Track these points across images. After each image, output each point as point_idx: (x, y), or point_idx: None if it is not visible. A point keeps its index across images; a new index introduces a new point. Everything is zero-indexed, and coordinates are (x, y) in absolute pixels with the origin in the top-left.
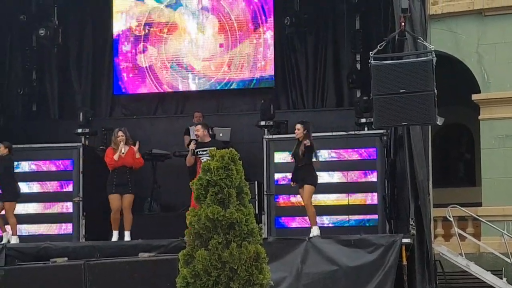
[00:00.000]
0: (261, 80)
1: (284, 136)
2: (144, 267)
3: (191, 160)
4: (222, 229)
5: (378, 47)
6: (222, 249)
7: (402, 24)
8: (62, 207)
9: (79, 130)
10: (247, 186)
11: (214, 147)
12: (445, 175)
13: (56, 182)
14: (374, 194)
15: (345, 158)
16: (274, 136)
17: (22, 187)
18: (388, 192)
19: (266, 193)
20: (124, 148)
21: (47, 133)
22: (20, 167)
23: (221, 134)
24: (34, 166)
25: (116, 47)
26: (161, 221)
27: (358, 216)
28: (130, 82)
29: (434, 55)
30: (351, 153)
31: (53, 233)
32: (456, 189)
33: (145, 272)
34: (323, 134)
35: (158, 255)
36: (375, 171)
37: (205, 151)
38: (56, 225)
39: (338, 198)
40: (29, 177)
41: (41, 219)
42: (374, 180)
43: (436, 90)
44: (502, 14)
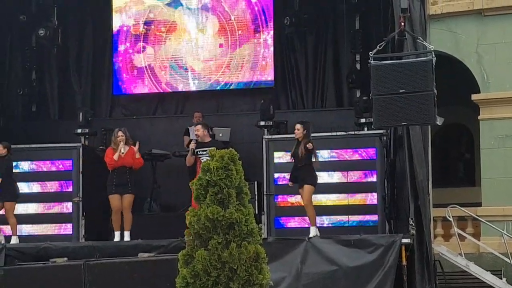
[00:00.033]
0: (260, 83)
1: (283, 136)
2: (143, 267)
3: (191, 160)
4: (221, 229)
5: (378, 47)
6: (222, 249)
7: (402, 24)
8: (62, 207)
9: (79, 130)
10: (247, 186)
11: (214, 147)
12: (444, 175)
13: (56, 182)
14: (374, 194)
15: (344, 158)
16: (274, 136)
17: (22, 187)
18: (387, 192)
19: (265, 193)
20: (123, 148)
21: (47, 133)
22: (20, 167)
23: (220, 134)
24: (34, 166)
25: (115, 47)
26: (160, 221)
27: (358, 216)
28: (130, 82)
29: (433, 55)
30: (351, 153)
31: (52, 233)
32: (455, 189)
33: (144, 272)
34: (323, 134)
35: (157, 255)
36: (375, 171)
37: (205, 151)
38: (55, 225)
39: (338, 198)
40: (29, 177)
41: (41, 219)
42: (373, 180)
43: (435, 90)
44: (501, 14)
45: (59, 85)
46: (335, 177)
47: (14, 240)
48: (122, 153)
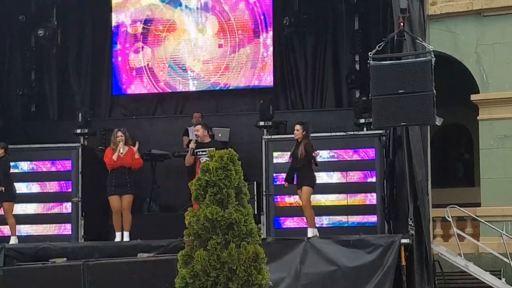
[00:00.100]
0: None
1: (283, 136)
2: (143, 268)
3: (190, 160)
4: (221, 229)
5: (377, 48)
6: (221, 249)
7: (401, 24)
8: (61, 208)
9: (78, 131)
10: (246, 186)
11: (214, 148)
12: (444, 176)
13: (55, 183)
14: (373, 194)
15: (344, 159)
16: (273, 136)
17: (21, 188)
18: (387, 192)
19: (265, 193)
20: (123, 148)
21: (46, 133)
22: (19, 168)
23: (220, 135)
24: (33, 166)
25: (115, 47)
26: (160, 221)
27: (357, 216)
28: (129, 82)
29: (433, 56)
30: (350, 153)
31: (52, 233)
32: (455, 189)
33: (144, 272)
34: (322, 134)
35: (157, 256)
36: (374, 172)
37: (204, 152)
38: (55, 225)
39: (337, 199)
40: (28, 177)
41: (40, 220)
42: (373, 180)
43: (435, 91)
44: (501, 15)
45: (59, 85)
46: (335, 177)
47: (13, 240)
48: (121, 153)
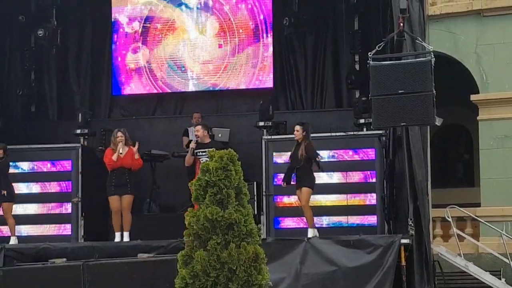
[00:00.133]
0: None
1: (283, 136)
2: (143, 268)
3: (190, 160)
4: (221, 229)
5: (377, 48)
6: (221, 249)
7: (401, 24)
8: (61, 208)
9: (78, 131)
10: (246, 186)
11: (214, 148)
12: (443, 176)
13: (55, 183)
14: (373, 194)
15: (344, 159)
16: (273, 136)
17: (21, 188)
18: (387, 192)
19: (265, 193)
20: (122, 148)
21: (46, 133)
22: (19, 168)
23: (220, 135)
24: (33, 167)
25: (114, 48)
26: (160, 221)
27: (357, 216)
28: (129, 82)
29: (432, 56)
30: (350, 153)
31: (52, 233)
32: (454, 189)
33: (144, 272)
34: (322, 134)
35: (157, 256)
36: (374, 172)
37: (204, 152)
38: (55, 225)
39: (337, 199)
40: (28, 177)
41: (40, 220)
42: (373, 180)
43: (434, 91)
44: (501, 15)
45: (58, 85)
46: (334, 177)
47: (13, 240)
48: (121, 153)
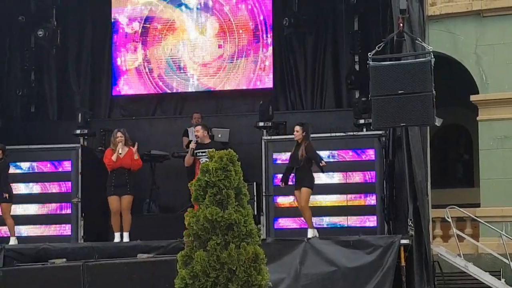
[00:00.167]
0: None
1: (282, 137)
2: (142, 268)
3: (190, 160)
4: (220, 230)
5: (377, 48)
6: (221, 250)
7: (401, 25)
8: (60, 208)
9: (78, 131)
10: (246, 187)
11: (213, 148)
12: (443, 176)
13: (55, 183)
14: (373, 195)
15: (343, 159)
16: (273, 137)
17: (21, 188)
18: (386, 193)
19: (264, 194)
20: (122, 149)
21: (46, 134)
22: (19, 168)
23: (219, 135)
24: (33, 167)
25: (114, 48)
26: (160, 222)
27: (357, 217)
28: (129, 83)
29: (432, 56)
30: (350, 154)
31: (51, 234)
32: (454, 190)
33: (143, 273)
34: (322, 135)
35: (156, 256)
36: (374, 172)
37: (204, 152)
38: (54, 226)
39: (337, 199)
40: (28, 178)
41: (39, 220)
42: (372, 181)
43: (434, 91)
44: (500, 15)
45: (58, 85)
46: (334, 178)
47: (13, 241)
48: (120, 154)
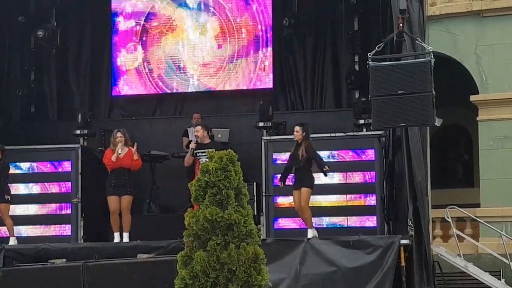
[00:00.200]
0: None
1: (282, 137)
2: (142, 268)
3: (190, 160)
4: (220, 230)
5: (376, 48)
6: (221, 250)
7: (400, 25)
8: (60, 209)
9: (78, 131)
10: (246, 187)
11: (213, 149)
12: (443, 176)
13: (54, 183)
14: (373, 195)
15: (343, 159)
16: (273, 137)
17: (21, 188)
18: (386, 193)
19: (264, 194)
20: (121, 149)
21: (46, 134)
22: (18, 168)
23: (219, 135)
24: (33, 167)
25: (114, 48)
26: (159, 222)
27: (357, 217)
28: (129, 83)
29: (432, 56)
30: (350, 154)
31: (51, 234)
32: (454, 190)
33: (143, 273)
34: (322, 135)
35: (156, 256)
36: (374, 172)
37: (204, 153)
38: (54, 226)
39: (337, 199)
40: (27, 178)
41: (39, 221)
42: (372, 181)
43: (434, 91)
44: (500, 15)
45: (58, 86)
46: (334, 178)
47: (12, 241)
48: (119, 154)
